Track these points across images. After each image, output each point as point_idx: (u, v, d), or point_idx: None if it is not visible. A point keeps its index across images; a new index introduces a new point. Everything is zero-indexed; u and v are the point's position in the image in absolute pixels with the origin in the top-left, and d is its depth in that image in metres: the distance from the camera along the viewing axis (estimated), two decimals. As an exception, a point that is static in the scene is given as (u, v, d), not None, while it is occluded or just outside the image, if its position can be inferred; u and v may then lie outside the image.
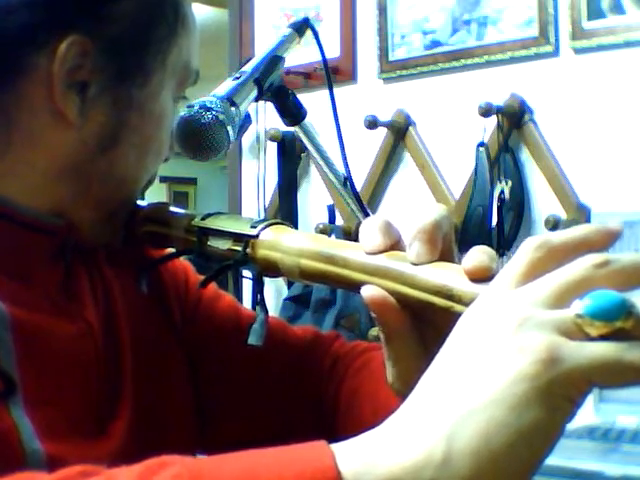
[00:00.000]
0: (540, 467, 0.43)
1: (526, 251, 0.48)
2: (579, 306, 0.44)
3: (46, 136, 0.71)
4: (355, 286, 0.60)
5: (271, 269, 0.69)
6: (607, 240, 0.49)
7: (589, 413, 1.70)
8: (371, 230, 0.61)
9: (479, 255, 0.53)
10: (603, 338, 0.43)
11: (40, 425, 0.62)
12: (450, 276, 0.55)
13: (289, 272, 0.68)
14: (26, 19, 0.69)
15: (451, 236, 0.60)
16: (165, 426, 0.79)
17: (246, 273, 0.74)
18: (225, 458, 0.45)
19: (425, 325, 0.59)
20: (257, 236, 0.70)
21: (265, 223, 0.71)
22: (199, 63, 0.81)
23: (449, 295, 0.54)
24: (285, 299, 2.37)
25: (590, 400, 1.71)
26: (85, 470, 0.47)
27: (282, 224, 0.71)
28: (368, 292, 0.58)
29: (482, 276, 0.53)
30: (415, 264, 0.57)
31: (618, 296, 0.44)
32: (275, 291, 2.53)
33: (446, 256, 0.58)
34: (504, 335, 0.44)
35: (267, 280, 0.72)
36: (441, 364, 0.46)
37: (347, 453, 0.44)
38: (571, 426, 1.60)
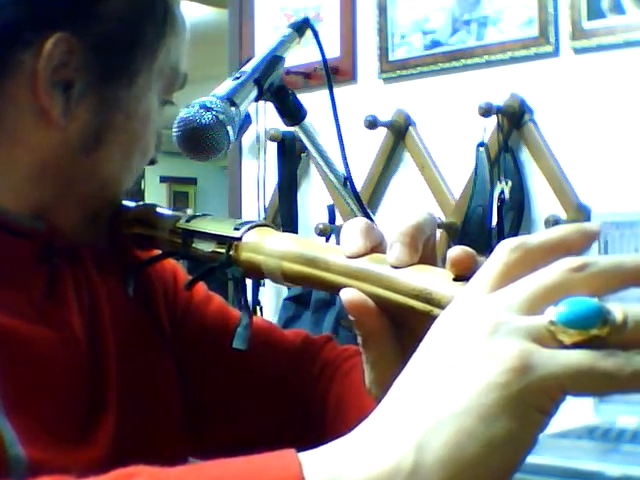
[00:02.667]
0: (515, 475, 0.42)
1: (502, 253, 0.47)
2: (553, 313, 0.42)
3: (29, 135, 0.70)
4: (337, 289, 0.60)
5: (254, 271, 0.69)
6: (585, 241, 0.47)
7: (589, 413, 1.70)
8: (352, 233, 0.60)
9: (462, 247, 0.53)
10: (577, 346, 0.42)
11: (22, 431, 0.61)
12: (429, 279, 0.54)
13: (272, 275, 0.67)
14: (11, 17, 0.68)
15: (434, 241, 0.59)
16: (152, 433, 0.78)
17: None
18: (193, 468, 0.45)
19: (404, 330, 0.58)
20: (240, 238, 0.70)
21: (248, 225, 0.71)
22: (199, 64, 0.81)
23: (428, 299, 0.54)
24: (285, 299, 2.37)
25: (590, 400, 1.71)
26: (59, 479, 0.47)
27: (267, 226, 0.71)
28: (347, 295, 0.57)
29: (469, 265, 0.52)
30: (395, 267, 0.56)
31: (593, 303, 0.42)
32: (275, 291, 2.53)
33: (428, 260, 0.58)
34: (475, 342, 0.43)
35: (267, 280, 0.72)
36: (412, 371, 0.45)
37: (315, 462, 0.43)
38: (571, 426, 1.60)
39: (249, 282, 0.79)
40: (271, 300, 2.51)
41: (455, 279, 0.53)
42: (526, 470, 1.36)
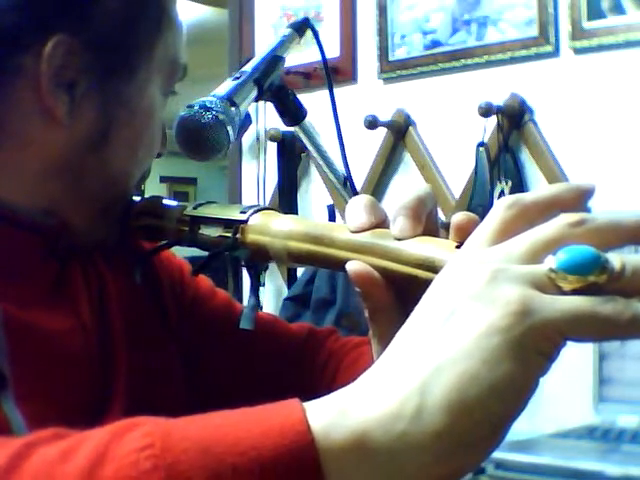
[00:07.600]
0: (512, 426, 0.42)
1: (499, 210, 0.48)
2: (553, 260, 0.44)
3: (36, 136, 0.72)
4: (342, 265, 0.61)
5: (261, 253, 0.70)
6: (580, 199, 0.49)
7: (589, 413, 1.70)
8: (356, 209, 0.62)
9: (465, 213, 0.55)
10: (576, 292, 0.43)
11: (30, 419, 0.62)
12: (432, 248, 0.56)
13: (278, 255, 0.69)
14: (10, 22, 0.69)
15: (436, 215, 0.61)
16: None
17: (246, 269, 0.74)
18: (197, 417, 0.45)
19: (410, 303, 0.59)
20: (246, 221, 0.71)
21: (254, 209, 0.72)
22: (199, 64, 0.81)
23: (431, 267, 0.55)
24: (285, 299, 2.37)
25: (590, 400, 1.71)
26: (58, 432, 0.48)
27: (272, 209, 0.72)
28: (352, 267, 0.59)
29: (472, 231, 0.52)
30: (399, 239, 0.58)
31: (592, 251, 0.43)
32: (275, 291, 2.53)
33: (431, 233, 0.59)
34: (476, 289, 0.43)
35: (267, 280, 0.73)
36: (415, 320, 0.46)
37: (318, 407, 0.44)
38: (571, 426, 1.60)
39: (249, 282, 0.79)
40: (271, 300, 2.51)
41: (458, 247, 0.54)
42: (526, 470, 1.36)
